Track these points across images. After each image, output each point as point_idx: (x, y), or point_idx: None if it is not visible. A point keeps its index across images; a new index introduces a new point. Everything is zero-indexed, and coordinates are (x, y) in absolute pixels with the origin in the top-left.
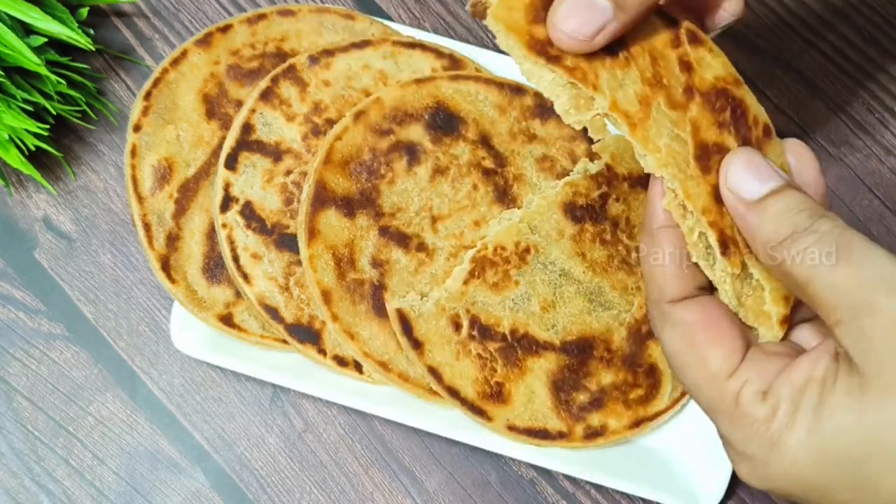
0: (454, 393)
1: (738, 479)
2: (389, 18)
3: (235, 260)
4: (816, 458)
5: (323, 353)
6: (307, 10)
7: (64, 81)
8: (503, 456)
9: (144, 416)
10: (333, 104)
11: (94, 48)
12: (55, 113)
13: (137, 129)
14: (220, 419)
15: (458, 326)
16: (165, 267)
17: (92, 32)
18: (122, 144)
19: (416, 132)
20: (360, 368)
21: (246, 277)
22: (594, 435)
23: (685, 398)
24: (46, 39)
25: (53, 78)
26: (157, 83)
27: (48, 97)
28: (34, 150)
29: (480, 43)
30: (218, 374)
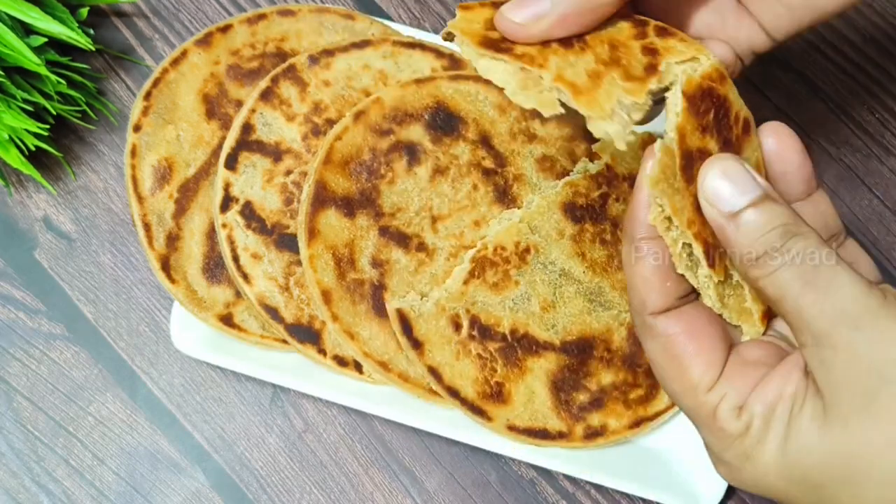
0: (454, 393)
1: None
2: (389, 18)
3: (235, 260)
4: (784, 474)
5: (323, 353)
6: (307, 10)
7: (64, 81)
8: (503, 456)
9: (144, 416)
10: (333, 104)
11: (94, 48)
12: (55, 113)
13: (137, 129)
14: (220, 419)
15: (458, 326)
16: (165, 267)
17: (92, 32)
18: (122, 144)
19: (416, 132)
20: (360, 368)
21: (246, 277)
22: (594, 435)
23: None
24: (46, 39)
25: (53, 78)
26: (157, 83)
27: (48, 97)
28: (34, 150)
29: None
30: (218, 374)
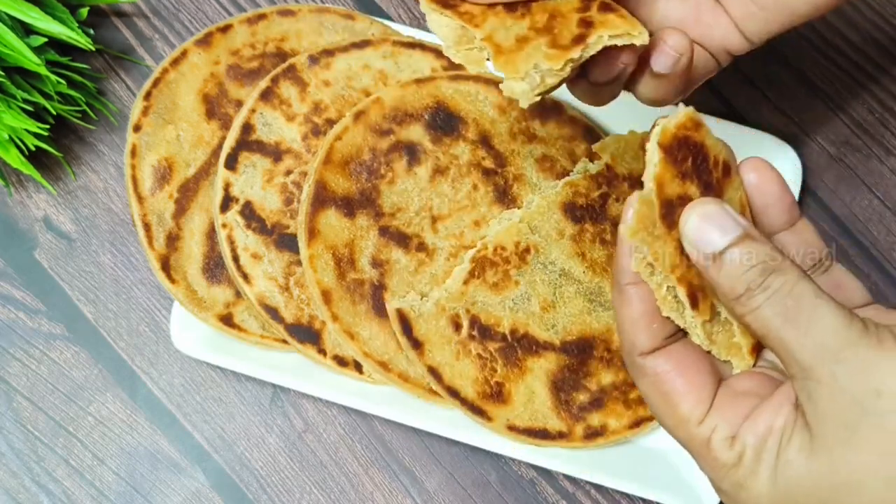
0: (454, 393)
1: None
2: (389, 18)
3: (235, 260)
4: (776, 503)
5: (323, 353)
6: (307, 10)
7: (64, 81)
8: (503, 456)
9: (144, 416)
10: (333, 104)
11: (94, 48)
12: (55, 113)
13: (137, 129)
14: (220, 419)
15: (458, 326)
16: (165, 267)
17: (92, 32)
18: (122, 144)
19: (416, 132)
20: (360, 368)
21: (246, 277)
22: (594, 435)
23: None
24: (46, 39)
25: (53, 78)
26: (157, 83)
27: (48, 97)
28: (34, 150)
29: None
30: (218, 374)
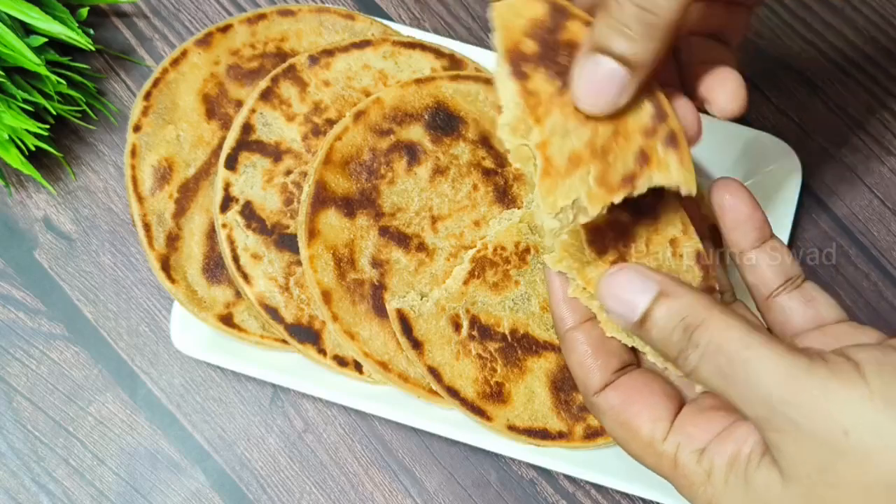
0: (454, 393)
1: None
2: (389, 18)
3: (235, 260)
4: None
5: (323, 353)
6: (307, 10)
7: (64, 81)
8: (503, 456)
9: (144, 416)
10: (333, 104)
11: (94, 48)
12: (55, 113)
13: (137, 129)
14: (220, 419)
15: (458, 326)
16: (165, 267)
17: (92, 32)
18: (122, 144)
19: (416, 132)
20: (360, 368)
21: (246, 277)
22: (594, 435)
23: None
24: (46, 39)
25: (53, 78)
26: (157, 83)
27: (48, 97)
28: (34, 150)
29: (480, 43)
30: (218, 374)
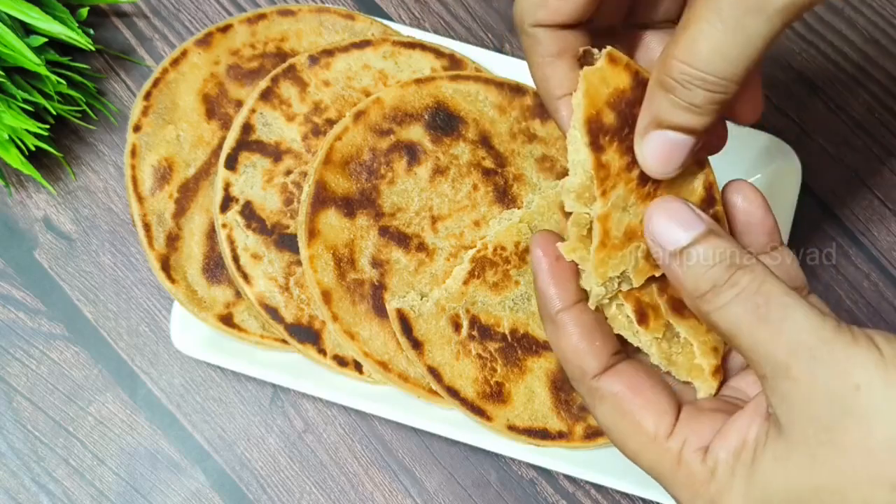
0: (454, 393)
1: None
2: (389, 18)
3: (235, 260)
4: None
5: (323, 353)
6: (307, 10)
7: (64, 81)
8: (503, 456)
9: (144, 416)
10: (333, 104)
11: (94, 48)
12: (55, 113)
13: (137, 129)
14: (220, 419)
15: (458, 326)
16: (165, 267)
17: (92, 32)
18: (122, 144)
19: (416, 132)
20: (360, 368)
21: (246, 277)
22: (594, 435)
23: None
24: (46, 39)
25: (53, 78)
26: (157, 83)
27: (48, 97)
28: (34, 150)
29: (480, 43)
30: (218, 374)
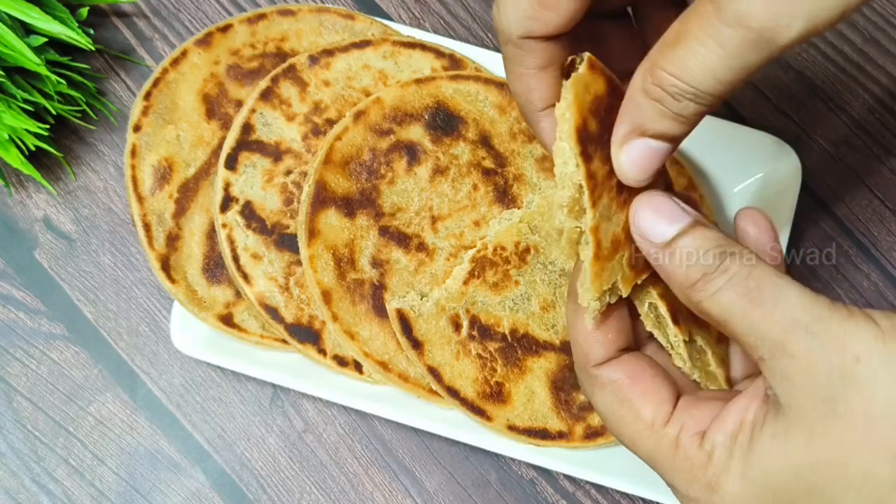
0: (454, 393)
1: None
2: (389, 18)
3: (235, 260)
4: (751, 501)
5: (323, 353)
6: (307, 10)
7: (64, 81)
8: (503, 456)
9: (144, 416)
10: (333, 104)
11: (94, 48)
12: (55, 113)
13: (137, 129)
14: (220, 419)
15: (458, 326)
16: (165, 267)
17: (92, 32)
18: (122, 144)
19: (416, 132)
20: (360, 368)
21: (246, 277)
22: (594, 435)
23: None
24: (46, 39)
25: (53, 78)
26: (157, 83)
27: (48, 97)
28: (34, 150)
29: (480, 43)
30: (218, 374)
